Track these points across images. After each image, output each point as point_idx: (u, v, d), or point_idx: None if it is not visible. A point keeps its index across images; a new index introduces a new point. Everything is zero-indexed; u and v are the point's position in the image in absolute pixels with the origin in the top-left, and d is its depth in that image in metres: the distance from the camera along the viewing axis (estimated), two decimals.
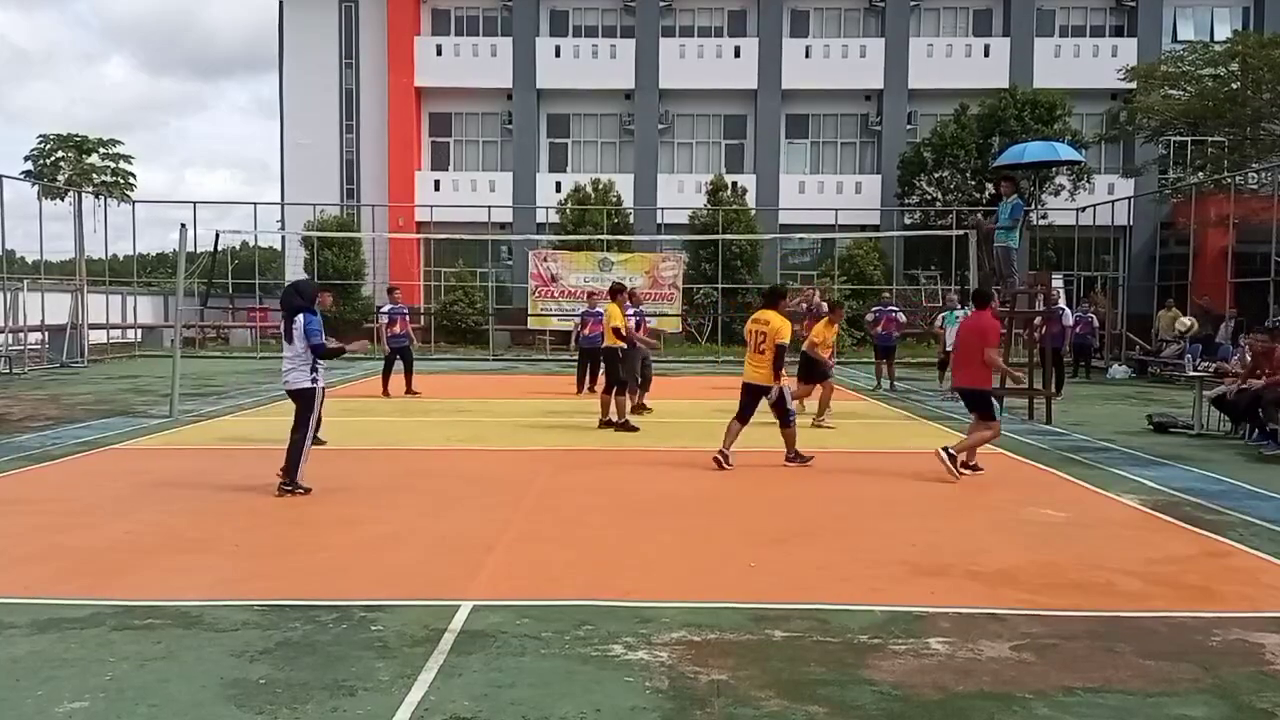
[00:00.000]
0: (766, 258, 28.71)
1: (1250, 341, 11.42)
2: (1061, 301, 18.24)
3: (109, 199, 27.84)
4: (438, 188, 31.83)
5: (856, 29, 33.18)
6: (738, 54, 32.11)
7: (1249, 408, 10.56)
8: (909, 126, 31.88)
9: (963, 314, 15.16)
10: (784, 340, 8.66)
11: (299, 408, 7.58)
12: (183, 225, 13.66)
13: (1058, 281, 22.11)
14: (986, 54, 31.66)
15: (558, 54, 32.13)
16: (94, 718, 3.53)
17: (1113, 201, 26.78)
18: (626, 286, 13.54)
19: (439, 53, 32.38)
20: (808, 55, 32.07)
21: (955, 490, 8.01)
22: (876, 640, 4.37)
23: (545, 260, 26.85)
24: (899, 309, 18.44)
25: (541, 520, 6.81)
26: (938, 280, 29.75)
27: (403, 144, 32.33)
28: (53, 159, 30.97)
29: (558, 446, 10.20)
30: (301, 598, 4.91)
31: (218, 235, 15.29)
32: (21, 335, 21.14)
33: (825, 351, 12.13)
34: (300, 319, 7.50)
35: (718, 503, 7.49)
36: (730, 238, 25.97)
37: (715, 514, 7.07)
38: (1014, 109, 27.54)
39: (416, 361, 15.91)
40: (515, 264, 30.41)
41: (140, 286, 29.87)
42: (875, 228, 30.59)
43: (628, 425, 11.38)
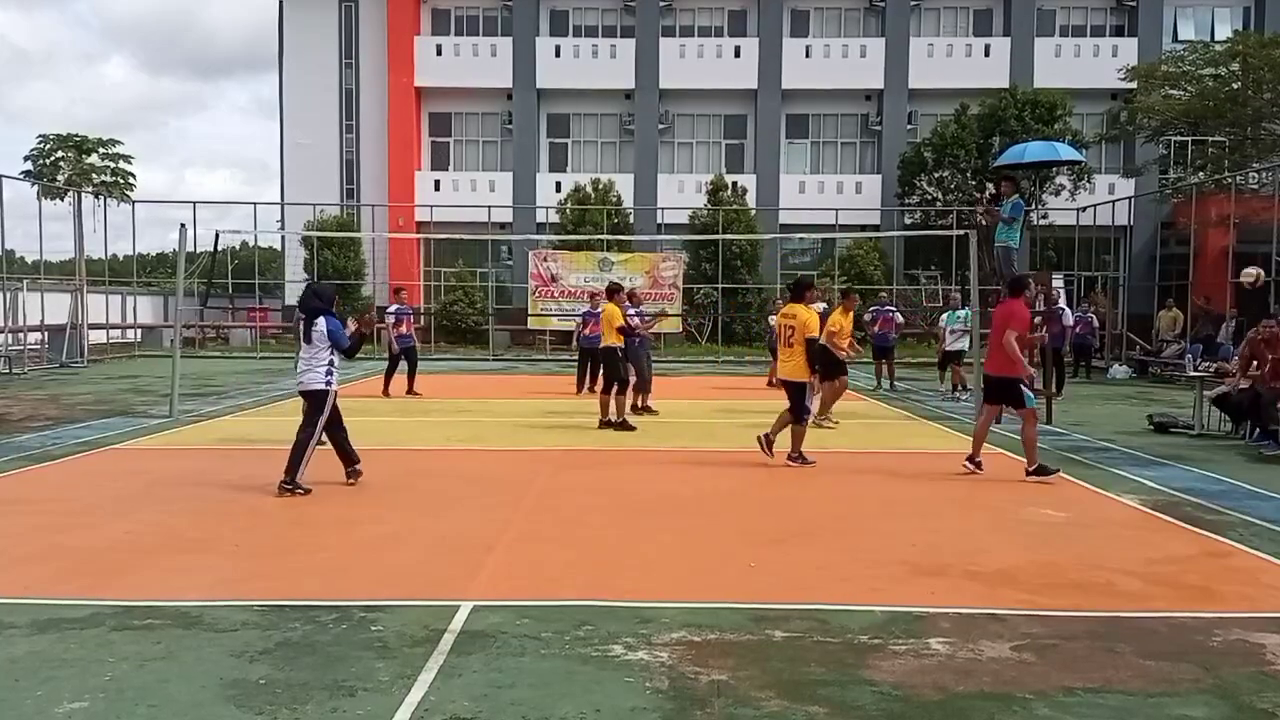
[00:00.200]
0: (767, 258, 28.66)
1: (1259, 329, 10.92)
2: (1062, 301, 18.23)
3: (109, 199, 27.85)
4: (438, 188, 31.81)
5: (857, 29, 33.16)
6: (738, 54, 32.09)
7: (1250, 407, 10.54)
8: (909, 126, 31.85)
9: (964, 314, 15.23)
10: (813, 333, 8.81)
11: (310, 407, 7.63)
12: (182, 225, 13.68)
13: (1058, 281, 22.06)
14: (987, 54, 31.64)
15: (558, 54, 32.11)
16: (94, 718, 3.53)
17: (1113, 201, 26.79)
18: (624, 286, 13.56)
19: (439, 52, 32.36)
20: (808, 55, 32.04)
21: (955, 490, 8.01)
22: (876, 640, 4.37)
23: (545, 260, 26.84)
24: (896, 309, 18.45)
25: (541, 520, 6.81)
26: (938, 280, 29.75)
27: (403, 144, 32.31)
28: (52, 159, 31.04)
29: (558, 446, 10.20)
30: (301, 598, 4.91)
31: (217, 235, 15.32)
32: (21, 335, 21.12)
33: (844, 340, 12.07)
34: (321, 322, 7.56)
35: (718, 503, 7.48)
36: (730, 238, 25.94)
37: (715, 514, 7.06)
38: (1014, 109, 27.49)
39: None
40: (515, 264, 30.40)
41: (140, 286, 29.87)
42: (875, 228, 30.55)
43: (625, 424, 11.39)
